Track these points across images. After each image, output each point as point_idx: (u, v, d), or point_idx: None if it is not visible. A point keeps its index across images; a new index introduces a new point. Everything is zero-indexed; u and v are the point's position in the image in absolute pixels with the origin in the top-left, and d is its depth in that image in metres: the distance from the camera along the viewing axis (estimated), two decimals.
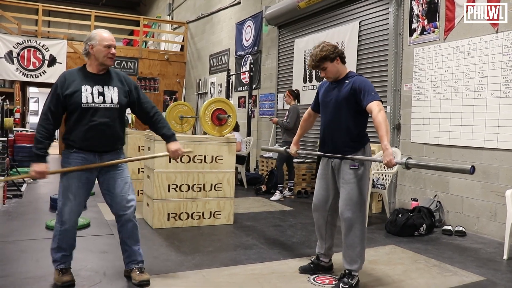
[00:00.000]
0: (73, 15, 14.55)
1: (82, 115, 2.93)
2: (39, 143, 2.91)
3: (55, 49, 11.36)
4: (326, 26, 7.49)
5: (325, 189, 3.30)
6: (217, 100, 5.16)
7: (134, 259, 3.17)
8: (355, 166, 3.08)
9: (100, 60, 2.99)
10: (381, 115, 2.88)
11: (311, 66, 3.21)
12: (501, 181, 4.63)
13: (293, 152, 3.62)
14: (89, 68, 3.04)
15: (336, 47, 3.19)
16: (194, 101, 13.04)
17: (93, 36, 3.02)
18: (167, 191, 4.70)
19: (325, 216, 3.32)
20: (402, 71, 5.89)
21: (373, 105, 2.94)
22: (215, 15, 12.03)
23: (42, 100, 21.54)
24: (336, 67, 3.17)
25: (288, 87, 8.26)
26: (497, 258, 4.00)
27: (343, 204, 3.06)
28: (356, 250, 3.07)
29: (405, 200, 5.80)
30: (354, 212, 3.02)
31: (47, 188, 6.98)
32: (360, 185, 3.07)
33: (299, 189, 7.18)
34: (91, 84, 2.98)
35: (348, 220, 3.03)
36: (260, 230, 4.80)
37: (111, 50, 3.00)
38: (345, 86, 3.11)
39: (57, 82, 2.96)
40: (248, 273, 3.38)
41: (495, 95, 4.68)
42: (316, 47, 3.18)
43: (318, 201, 3.34)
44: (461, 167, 2.60)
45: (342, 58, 3.20)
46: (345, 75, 3.19)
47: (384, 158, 2.81)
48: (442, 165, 2.82)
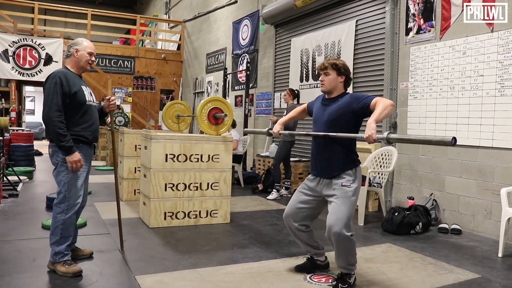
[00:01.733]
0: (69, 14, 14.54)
1: (86, 112, 3.30)
2: (64, 136, 3.14)
3: (51, 47, 11.34)
4: (323, 25, 7.50)
5: (302, 202, 3.25)
6: (214, 99, 5.17)
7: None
8: (347, 184, 3.05)
9: (82, 64, 3.37)
10: (386, 100, 2.90)
11: (319, 66, 3.21)
12: (496, 180, 4.65)
13: (276, 131, 3.57)
14: (73, 69, 3.37)
15: (349, 71, 3.22)
16: (191, 100, 13.04)
17: (79, 42, 3.39)
18: (163, 190, 4.70)
19: (296, 226, 3.28)
20: (399, 70, 5.91)
21: (376, 98, 2.95)
22: (212, 14, 12.03)
23: (38, 99, 21.52)
24: (337, 82, 3.15)
25: (285, 86, 8.28)
26: (492, 256, 4.03)
27: (332, 219, 2.97)
28: (347, 261, 3.05)
29: (401, 199, 5.82)
30: (343, 227, 2.94)
31: (43, 187, 6.98)
32: (351, 201, 3.02)
33: (296, 188, 7.17)
34: (82, 84, 3.36)
35: (337, 235, 2.96)
36: (256, 229, 4.81)
37: (92, 58, 3.42)
38: (339, 102, 3.10)
39: (57, 81, 3.15)
40: (245, 272, 3.39)
41: (491, 94, 4.70)
42: (335, 58, 3.25)
43: (291, 211, 3.28)
44: (442, 138, 2.53)
45: (347, 81, 3.19)
46: (340, 94, 3.17)
47: (366, 132, 2.74)
48: (424, 138, 2.74)
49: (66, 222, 3.21)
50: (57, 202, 3.23)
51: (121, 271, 3.33)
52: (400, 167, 5.82)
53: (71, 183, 3.23)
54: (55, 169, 3.28)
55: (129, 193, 6.10)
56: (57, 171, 3.26)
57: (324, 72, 3.17)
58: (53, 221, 3.24)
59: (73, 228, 3.30)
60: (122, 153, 6.18)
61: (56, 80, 3.14)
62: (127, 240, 4.04)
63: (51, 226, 3.25)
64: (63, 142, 3.12)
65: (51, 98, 3.12)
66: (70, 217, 3.23)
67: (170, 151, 4.71)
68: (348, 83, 3.21)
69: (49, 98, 3.13)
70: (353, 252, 3.06)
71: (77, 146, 3.24)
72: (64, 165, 3.21)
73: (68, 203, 3.22)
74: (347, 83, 3.20)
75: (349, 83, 3.22)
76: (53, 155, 3.27)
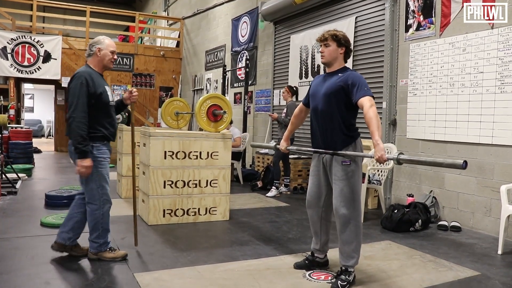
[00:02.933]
0: (68, 11, 14.46)
1: (109, 112, 3.41)
2: (84, 140, 3.19)
3: (50, 45, 11.29)
4: (322, 22, 7.48)
5: (317, 185, 3.29)
6: (213, 96, 5.15)
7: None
8: (346, 162, 3.05)
9: (104, 63, 3.41)
10: (372, 110, 2.86)
11: (319, 37, 3.21)
12: (496, 177, 4.64)
13: (283, 148, 3.60)
14: (96, 68, 3.40)
15: (350, 42, 3.22)
16: (190, 97, 13.01)
17: (101, 40, 3.40)
18: (162, 187, 4.69)
19: (319, 212, 3.32)
20: (398, 67, 5.89)
21: (364, 100, 2.92)
22: (211, 11, 12.00)
23: (37, 96, 21.49)
24: (337, 53, 3.15)
25: (284, 83, 8.26)
26: (491, 253, 4.02)
27: (337, 201, 3.04)
28: (352, 246, 3.07)
29: (400, 196, 5.81)
30: (349, 208, 3.01)
31: (42, 185, 6.96)
32: (353, 181, 3.05)
33: (295, 185, 7.18)
34: (105, 84, 3.43)
35: (343, 217, 3.02)
36: (255, 226, 4.80)
37: (114, 56, 3.44)
38: (337, 79, 3.09)
39: (83, 81, 3.20)
40: (244, 269, 3.38)
41: (490, 91, 4.69)
42: (335, 29, 3.25)
43: (311, 197, 3.33)
44: (453, 162, 2.56)
45: (347, 52, 3.19)
46: (340, 69, 3.17)
47: (376, 154, 2.78)
48: (434, 161, 2.78)
49: (104, 216, 3.42)
50: (90, 201, 3.38)
51: (120, 268, 3.32)
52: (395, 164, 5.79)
53: (101, 179, 3.37)
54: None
55: (128, 190, 6.08)
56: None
57: (324, 43, 3.17)
58: (90, 218, 3.40)
59: (109, 219, 3.48)
60: (121, 150, 6.17)
61: (82, 81, 3.20)
62: (126, 237, 4.03)
63: (90, 223, 3.41)
64: (81, 145, 3.17)
65: (77, 99, 3.18)
66: (106, 210, 3.43)
67: (169, 148, 4.70)
68: (348, 55, 3.21)
69: (75, 99, 3.18)
70: (359, 237, 3.08)
71: (103, 143, 3.38)
72: (94, 163, 3.29)
73: (102, 198, 3.39)
74: (347, 54, 3.20)
75: (349, 54, 3.23)
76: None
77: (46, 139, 19.91)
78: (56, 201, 5.39)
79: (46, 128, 21.38)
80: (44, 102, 21.23)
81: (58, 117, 13.61)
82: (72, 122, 3.16)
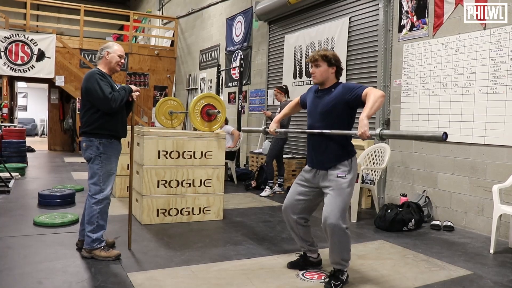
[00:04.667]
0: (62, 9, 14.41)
1: (119, 110, 3.53)
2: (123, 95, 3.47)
3: (44, 43, 11.24)
4: (316, 22, 7.49)
5: (300, 194, 3.26)
6: (207, 96, 5.15)
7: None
8: (342, 175, 3.06)
9: (112, 65, 3.60)
10: (376, 91, 2.89)
11: (309, 58, 3.21)
12: (488, 177, 4.67)
13: (272, 130, 3.59)
14: (104, 70, 3.59)
15: (340, 61, 3.22)
16: (184, 96, 12.99)
17: (110, 45, 3.64)
18: (156, 187, 4.68)
19: (294, 219, 3.29)
20: (392, 67, 5.91)
21: (367, 89, 2.95)
22: (205, 10, 11.98)
23: (31, 95, 21.39)
24: (328, 73, 3.15)
25: (278, 83, 8.27)
26: (484, 252, 4.05)
27: (328, 210, 3.00)
28: (340, 255, 3.04)
29: (394, 196, 5.84)
30: (338, 218, 2.96)
31: (35, 184, 6.93)
32: (346, 192, 3.03)
33: (289, 185, 7.19)
34: (115, 84, 3.60)
35: (332, 226, 2.98)
36: (249, 225, 4.80)
37: (122, 60, 3.65)
38: (332, 94, 3.10)
39: (98, 77, 3.42)
40: (237, 269, 3.38)
41: (483, 91, 4.72)
42: (325, 49, 3.25)
43: (289, 203, 3.30)
44: (433, 134, 2.56)
45: (338, 71, 3.19)
46: (333, 85, 3.17)
47: (359, 129, 2.78)
48: (415, 134, 2.78)
49: (101, 211, 3.50)
50: (92, 194, 3.50)
51: (113, 267, 3.31)
52: (393, 164, 5.83)
53: (105, 176, 3.52)
54: (90, 162, 3.52)
55: (121, 189, 6.07)
56: (92, 165, 3.50)
57: (314, 64, 3.17)
58: (88, 211, 3.51)
59: (106, 216, 3.58)
60: None
61: (97, 77, 3.42)
62: (120, 237, 4.02)
63: (86, 216, 3.52)
64: (125, 96, 3.48)
65: (100, 88, 3.38)
66: (105, 206, 3.53)
67: (163, 148, 4.69)
68: (339, 73, 3.21)
69: (99, 89, 3.38)
70: (348, 247, 3.06)
71: (110, 141, 3.52)
72: (99, 159, 3.49)
73: (103, 194, 3.50)
74: (338, 73, 3.20)
75: (341, 73, 3.22)
76: (87, 149, 3.52)
77: (39, 138, 19.81)
78: (49, 200, 5.36)
79: (40, 127, 21.27)
80: (38, 101, 21.13)
81: (51, 116, 13.54)
82: (112, 102, 3.37)
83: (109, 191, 3.55)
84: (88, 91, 3.43)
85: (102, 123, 3.47)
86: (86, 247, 3.49)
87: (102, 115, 3.46)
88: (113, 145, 3.57)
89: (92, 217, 3.48)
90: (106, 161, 3.52)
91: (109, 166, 3.54)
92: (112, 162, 3.57)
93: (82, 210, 3.66)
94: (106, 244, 3.57)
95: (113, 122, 3.53)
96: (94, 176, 3.51)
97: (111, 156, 3.55)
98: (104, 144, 3.50)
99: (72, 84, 11.86)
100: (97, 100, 3.40)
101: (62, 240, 3.97)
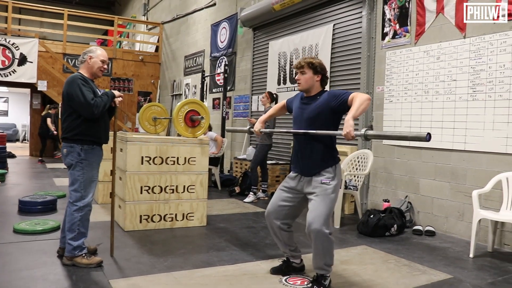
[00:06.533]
0: (45, 13, 14.26)
1: (101, 116, 3.48)
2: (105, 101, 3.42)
3: (26, 47, 11.10)
4: (301, 28, 7.55)
5: (284, 200, 3.27)
6: (191, 102, 5.14)
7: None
8: (327, 181, 3.08)
9: (94, 70, 3.56)
10: (362, 94, 2.92)
11: (295, 64, 3.24)
12: (468, 182, 4.75)
13: (257, 130, 3.60)
14: (86, 75, 3.54)
15: (326, 69, 3.24)
16: (168, 102, 12.96)
17: (93, 50, 3.60)
18: (139, 193, 4.65)
19: (278, 224, 3.30)
20: (375, 74, 5.98)
21: (353, 93, 2.98)
22: (190, 16, 11.99)
23: (12, 99, 21.11)
24: (313, 80, 3.18)
25: (263, 89, 8.30)
26: (464, 257, 4.11)
27: (312, 216, 3.01)
28: (324, 259, 3.07)
29: (377, 201, 5.89)
30: (322, 224, 2.98)
31: (16, 190, 6.83)
32: (330, 198, 3.05)
33: (273, 191, 7.19)
34: (96, 88, 3.55)
35: (316, 231, 3.00)
36: (233, 231, 4.80)
37: (104, 65, 3.60)
38: (318, 101, 3.13)
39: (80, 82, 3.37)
40: (220, 275, 3.37)
41: (463, 98, 4.80)
42: (312, 57, 3.27)
43: (273, 209, 3.31)
44: (417, 134, 2.61)
45: (323, 80, 3.22)
46: (318, 92, 3.20)
47: (344, 129, 2.79)
48: (400, 134, 2.82)
49: (82, 219, 3.45)
50: (73, 201, 3.45)
51: (95, 275, 3.28)
52: (376, 170, 5.89)
53: (87, 183, 3.46)
54: (71, 168, 3.46)
55: (104, 195, 6.02)
56: (73, 171, 3.45)
57: (300, 71, 3.19)
58: (69, 218, 3.45)
59: (88, 224, 3.52)
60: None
61: (79, 82, 3.37)
62: (102, 243, 3.98)
63: (67, 223, 3.45)
64: (107, 102, 3.43)
65: (82, 93, 3.32)
66: (86, 213, 3.47)
67: (146, 154, 4.67)
68: (324, 82, 3.24)
69: (80, 94, 3.33)
70: (331, 252, 3.08)
71: (92, 148, 3.48)
72: (81, 165, 3.43)
73: (84, 201, 3.45)
74: (324, 81, 3.23)
75: (326, 81, 3.25)
76: (68, 155, 3.46)
77: (21, 143, 19.52)
78: (30, 207, 5.29)
79: (21, 133, 20.97)
80: (19, 106, 20.85)
81: (33, 121, 13.36)
82: (94, 108, 3.33)
83: (90, 198, 3.50)
84: (69, 96, 3.38)
85: (84, 129, 3.43)
86: (67, 254, 3.44)
87: (83, 120, 3.41)
88: (95, 151, 3.52)
89: (73, 225, 3.42)
90: (88, 168, 3.47)
91: (90, 173, 3.49)
92: (94, 169, 3.53)
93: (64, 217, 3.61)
94: (87, 251, 3.53)
95: (95, 128, 3.48)
96: (75, 183, 3.45)
97: (92, 162, 3.50)
98: (85, 151, 3.45)
99: (55, 89, 11.73)
100: (78, 105, 3.36)
101: (43, 247, 3.91)
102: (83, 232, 3.47)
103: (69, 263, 3.42)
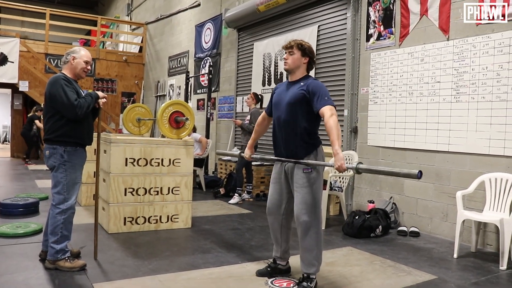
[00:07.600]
0: (26, 13, 14.05)
1: (85, 117, 3.43)
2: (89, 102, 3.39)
3: (7, 47, 10.93)
4: (286, 29, 7.56)
5: (278, 193, 3.31)
6: (175, 103, 5.10)
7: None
8: (308, 170, 3.09)
9: (77, 71, 3.51)
10: (332, 120, 2.89)
11: (285, 45, 3.24)
12: (452, 183, 4.79)
13: (247, 156, 3.62)
14: (69, 75, 3.48)
15: (314, 54, 3.27)
16: (152, 103, 12.86)
17: (77, 50, 3.56)
18: (123, 195, 4.60)
19: (280, 220, 3.34)
20: (359, 75, 6.01)
21: (325, 109, 2.96)
22: (174, 16, 11.92)
23: None
24: (300, 62, 3.19)
25: (247, 90, 8.29)
26: (448, 257, 4.14)
27: (298, 208, 3.06)
28: (313, 253, 3.09)
29: (362, 202, 5.91)
30: (310, 215, 3.03)
31: None
32: (314, 188, 3.08)
33: (258, 192, 7.19)
34: (80, 89, 3.51)
35: (304, 224, 3.04)
36: (218, 233, 4.77)
37: (88, 66, 3.56)
38: (299, 88, 3.13)
39: (63, 82, 3.32)
40: (206, 278, 3.35)
41: (447, 100, 4.85)
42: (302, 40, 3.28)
43: (272, 204, 3.35)
44: (409, 172, 2.63)
45: (310, 63, 3.24)
46: (302, 77, 3.21)
47: (335, 163, 2.82)
48: (391, 170, 2.84)
49: (66, 222, 3.39)
50: (56, 203, 3.38)
51: (78, 278, 3.22)
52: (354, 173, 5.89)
53: (70, 185, 3.40)
54: (53, 170, 3.40)
55: (88, 198, 5.94)
56: (56, 173, 3.38)
57: (289, 51, 3.20)
58: (51, 221, 3.38)
59: (71, 226, 3.46)
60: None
61: (62, 83, 3.32)
62: (85, 246, 3.92)
63: (50, 226, 3.39)
64: (91, 103, 3.40)
65: (65, 94, 3.28)
66: (69, 216, 3.41)
67: (130, 155, 4.62)
68: (311, 66, 3.25)
69: (64, 95, 3.28)
70: (319, 245, 3.11)
71: (75, 149, 3.42)
72: (63, 167, 3.37)
73: (67, 203, 3.38)
74: (310, 65, 3.25)
75: (313, 66, 3.27)
76: (50, 157, 3.40)
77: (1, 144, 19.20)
78: (11, 209, 5.19)
79: (2, 134, 20.62)
80: (0, 107, 20.48)
81: (15, 122, 13.15)
82: (77, 109, 3.28)
83: (73, 201, 3.44)
84: (52, 97, 3.33)
85: (67, 130, 3.36)
86: (49, 258, 3.37)
87: (67, 122, 3.35)
88: (78, 153, 3.46)
89: (56, 228, 3.36)
90: (71, 170, 3.41)
91: (73, 175, 3.43)
92: (77, 171, 3.47)
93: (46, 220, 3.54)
94: (70, 254, 3.47)
95: (78, 129, 3.42)
96: (58, 185, 3.38)
97: (76, 164, 3.44)
98: (68, 152, 3.39)
99: (36, 90, 11.55)
100: (61, 106, 3.30)
101: (25, 251, 3.84)
102: (66, 235, 3.40)
103: (52, 267, 3.36)
